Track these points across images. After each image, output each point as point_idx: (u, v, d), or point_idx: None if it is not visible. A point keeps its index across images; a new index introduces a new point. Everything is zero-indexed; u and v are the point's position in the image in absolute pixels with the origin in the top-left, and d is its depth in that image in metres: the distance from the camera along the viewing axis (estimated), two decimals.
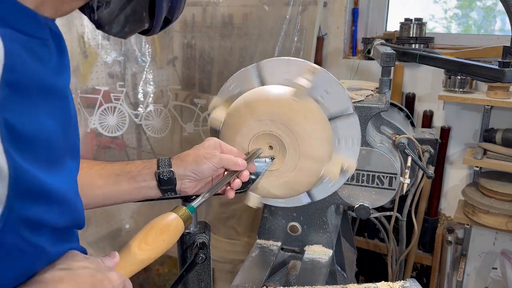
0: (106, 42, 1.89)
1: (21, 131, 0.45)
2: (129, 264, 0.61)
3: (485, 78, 1.09)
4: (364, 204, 1.12)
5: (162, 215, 0.66)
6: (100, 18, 0.56)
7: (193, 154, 0.83)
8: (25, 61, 0.45)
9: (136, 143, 2.14)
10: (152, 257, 0.63)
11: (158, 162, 0.82)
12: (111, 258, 0.60)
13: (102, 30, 0.59)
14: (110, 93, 1.92)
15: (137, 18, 0.58)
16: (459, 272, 1.97)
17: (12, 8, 0.44)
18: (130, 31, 0.60)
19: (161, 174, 0.80)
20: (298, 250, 1.24)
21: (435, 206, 2.01)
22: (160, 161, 0.82)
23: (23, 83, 0.45)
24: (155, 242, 0.63)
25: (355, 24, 2.11)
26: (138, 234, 0.64)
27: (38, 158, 0.48)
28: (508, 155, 1.71)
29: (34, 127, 0.47)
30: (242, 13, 2.03)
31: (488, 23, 2.07)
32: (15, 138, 0.43)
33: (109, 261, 0.59)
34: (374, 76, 1.96)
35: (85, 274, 0.53)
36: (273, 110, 0.93)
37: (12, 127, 0.43)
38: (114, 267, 0.60)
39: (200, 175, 0.82)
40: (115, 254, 0.61)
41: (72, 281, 0.51)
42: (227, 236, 2.17)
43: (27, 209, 0.46)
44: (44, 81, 0.49)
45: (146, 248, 0.62)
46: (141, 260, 0.62)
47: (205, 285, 0.90)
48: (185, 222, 0.68)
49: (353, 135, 1.00)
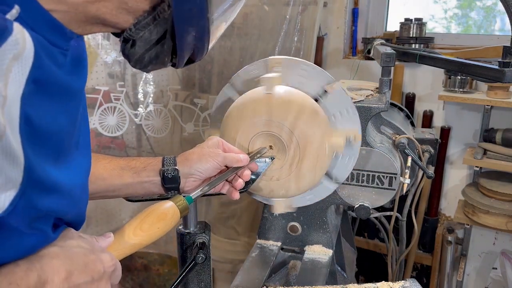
0: (106, 42, 1.89)
1: (38, 125, 0.47)
2: (121, 247, 0.63)
3: (485, 78, 1.09)
4: (364, 204, 1.12)
5: (160, 203, 0.67)
6: (126, 55, 0.59)
7: (197, 153, 0.84)
8: (47, 62, 0.48)
9: (136, 143, 2.14)
10: (144, 243, 0.64)
11: (163, 160, 0.83)
12: (105, 238, 0.62)
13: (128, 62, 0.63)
14: (110, 93, 1.93)
15: (159, 62, 0.61)
16: (459, 272, 1.97)
17: (42, 18, 0.48)
18: (152, 69, 0.63)
19: (165, 172, 0.81)
20: (298, 250, 1.24)
21: (435, 206, 2.01)
22: (166, 159, 0.83)
23: (46, 81, 0.48)
24: (150, 229, 0.64)
25: (355, 24, 2.11)
26: (134, 219, 0.65)
27: (48, 152, 0.50)
28: (508, 155, 1.71)
29: (49, 123, 0.50)
30: (242, 13, 2.03)
31: (488, 23, 2.07)
32: (31, 132, 0.46)
33: (103, 241, 0.61)
34: (374, 76, 1.96)
35: (79, 252, 0.55)
36: (254, 110, 0.93)
37: (30, 121, 0.46)
38: (107, 247, 0.61)
39: (204, 173, 0.83)
40: (110, 235, 0.62)
41: (67, 258, 0.53)
42: (227, 236, 2.17)
43: (37, 199, 0.48)
44: (61, 81, 0.52)
45: (140, 234, 0.64)
46: (133, 244, 0.64)
47: (205, 285, 0.90)
48: (181, 212, 0.68)
49: (344, 105, 0.98)
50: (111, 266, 0.58)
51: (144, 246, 0.65)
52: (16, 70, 0.43)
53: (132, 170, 0.82)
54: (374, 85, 1.36)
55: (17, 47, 0.42)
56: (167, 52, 0.60)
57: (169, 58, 0.61)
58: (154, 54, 0.59)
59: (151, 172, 0.82)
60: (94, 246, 0.58)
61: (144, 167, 0.82)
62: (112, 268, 0.58)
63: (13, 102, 0.43)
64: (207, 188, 0.78)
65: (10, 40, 0.41)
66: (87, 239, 0.58)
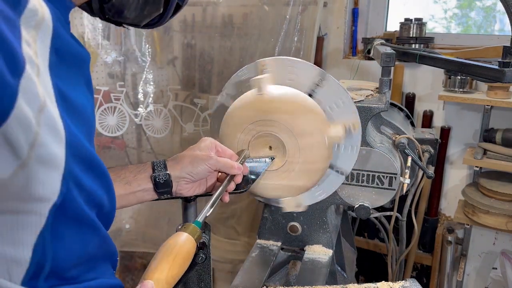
0: (106, 42, 1.89)
1: (69, 98, 0.46)
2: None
3: (485, 78, 1.09)
4: (364, 204, 1.12)
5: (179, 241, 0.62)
6: (119, 2, 0.57)
7: (188, 156, 0.82)
8: (62, 31, 0.47)
9: (136, 143, 2.14)
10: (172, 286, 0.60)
11: (153, 165, 0.81)
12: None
13: (119, 18, 0.60)
14: (110, 93, 1.93)
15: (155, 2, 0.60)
16: (459, 272, 1.97)
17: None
18: (148, 13, 0.61)
19: (157, 177, 0.79)
20: (298, 250, 1.24)
21: (435, 206, 2.01)
22: (155, 164, 0.81)
23: (65, 51, 0.47)
24: (179, 272, 0.61)
25: (355, 24, 2.11)
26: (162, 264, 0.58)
27: (83, 128, 0.49)
28: (508, 155, 1.71)
29: (76, 97, 0.48)
30: (242, 13, 2.03)
31: (488, 23, 2.07)
32: (66, 105, 0.45)
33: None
34: (374, 76, 1.96)
35: None
36: (249, 112, 0.93)
37: (62, 93, 0.44)
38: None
39: (196, 176, 0.82)
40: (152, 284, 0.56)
41: None
42: (227, 236, 2.17)
43: (82, 177, 0.47)
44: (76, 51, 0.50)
45: (172, 282, 0.59)
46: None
47: (205, 285, 0.90)
48: (197, 241, 0.66)
49: (338, 96, 0.98)
50: None
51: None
52: (40, 38, 0.42)
53: (123, 181, 0.79)
54: (374, 85, 1.36)
55: (36, 16, 0.41)
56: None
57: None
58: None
59: (142, 180, 0.80)
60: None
61: (134, 175, 0.80)
62: None
63: (44, 72, 0.42)
64: (209, 207, 0.75)
65: (28, 9, 0.40)
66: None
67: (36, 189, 0.42)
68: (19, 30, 0.39)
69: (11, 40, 0.37)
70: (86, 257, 0.53)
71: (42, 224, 0.44)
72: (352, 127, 1.00)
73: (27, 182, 0.41)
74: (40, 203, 0.43)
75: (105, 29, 1.87)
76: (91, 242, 0.53)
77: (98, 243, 0.55)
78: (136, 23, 0.64)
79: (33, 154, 0.40)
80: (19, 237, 0.43)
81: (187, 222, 0.70)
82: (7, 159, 0.39)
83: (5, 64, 0.36)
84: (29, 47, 0.40)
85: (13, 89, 0.37)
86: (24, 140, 0.39)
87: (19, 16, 0.39)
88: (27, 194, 0.42)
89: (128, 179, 0.79)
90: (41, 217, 0.44)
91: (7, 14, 0.38)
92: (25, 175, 0.40)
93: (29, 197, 0.42)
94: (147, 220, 2.10)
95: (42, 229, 0.44)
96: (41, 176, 0.42)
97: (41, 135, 0.40)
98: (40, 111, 0.40)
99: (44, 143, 0.41)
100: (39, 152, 0.40)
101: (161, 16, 0.66)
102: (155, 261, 0.58)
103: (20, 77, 0.37)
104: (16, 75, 0.37)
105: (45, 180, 0.42)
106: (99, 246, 0.55)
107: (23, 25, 0.39)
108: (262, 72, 1.00)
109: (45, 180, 0.42)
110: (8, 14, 0.38)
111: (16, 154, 0.39)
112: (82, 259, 0.52)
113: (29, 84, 0.38)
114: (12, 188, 0.40)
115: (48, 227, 0.45)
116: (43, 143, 0.41)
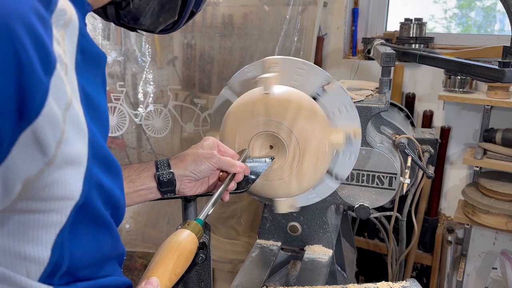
0: (106, 42, 1.89)
1: (91, 97, 0.47)
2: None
3: (485, 78, 1.09)
4: (364, 204, 1.12)
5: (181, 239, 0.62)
6: (136, 9, 0.58)
7: (192, 154, 0.82)
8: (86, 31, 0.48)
9: (136, 143, 2.14)
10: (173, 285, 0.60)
11: (156, 164, 0.81)
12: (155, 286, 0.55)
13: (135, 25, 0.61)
14: (110, 93, 1.93)
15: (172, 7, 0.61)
16: (459, 272, 1.97)
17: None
18: (163, 21, 0.62)
19: (160, 176, 0.79)
20: (298, 250, 1.24)
21: (435, 206, 2.01)
22: (159, 163, 0.81)
23: (89, 51, 0.48)
24: (182, 271, 0.60)
25: (355, 24, 2.11)
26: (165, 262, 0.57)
27: (101, 128, 0.49)
28: (508, 155, 1.71)
29: (97, 96, 0.49)
30: (242, 13, 2.03)
31: (488, 23, 2.07)
32: (88, 104, 0.46)
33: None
34: (374, 76, 1.96)
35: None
36: (252, 111, 0.93)
37: (86, 92, 0.45)
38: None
39: (199, 175, 0.82)
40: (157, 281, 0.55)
41: None
42: (227, 236, 2.17)
43: (100, 175, 0.48)
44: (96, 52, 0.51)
45: (175, 279, 0.59)
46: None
47: (205, 285, 0.90)
48: (198, 238, 0.66)
49: (343, 102, 0.99)
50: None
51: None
52: (68, 37, 0.43)
53: (127, 180, 0.79)
54: (374, 85, 1.36)
55: (65, 15, 0.42)
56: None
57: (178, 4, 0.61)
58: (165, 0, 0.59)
59: (145, 179, 0.80)
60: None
61: (138, 174, 0.80)
62: None
63: (71, 70, 0.43)
64: (211, 205, 0.75)
65: (58, 8, 0.41)
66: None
67: (60, 188, 0.42)
68: (51, 29, 0.40)
69: (45, 39, 0.38)
70: (100, 258, 0.53)
71: (63, 224, 0.44)
72: (353, 134, 1.00)
73: (53, 180, 0.41)
74: (64, 202, 0.43)
75: (105, 29, 1.87)
76: (105, 243, 0.53)
77: (111, 243, 0.55)
78: (151, 29, 0.65)
79: (59, 151, 0.40)
80: (40, 236, 0.43)
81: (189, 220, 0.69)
82: (35, 156, 0.39)
83: (40, 62, 0.37)
84: (59, 45, 0.41)
85: (45, 87, 0.38)
86: (52, 138, 0.39)
87: (51, 15, 0.40)
88: (51, 192, 0.42)
89: (132, 177, 0.79)
90: (63, 216, 0.44)
91: (42, 13, 0.38)
92: (51, 173, 0.41)
93: (53, 196, 0.42)
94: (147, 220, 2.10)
95: (62, 229, 0.45)
96: (66, 174, 0.42)
97: (67, 133, 0.41)
98: (67, 108, 0.41)
99: (69, 140, 0.41)
100: (65, 150, 0.41)
101: (176, 22, 0.67)
102: (159, 257, 0.58)
103: (52, 75, 0.38)
104: (48, 73, 0.38)
105: (70, 179, 0.43)
106: (112, 247, 0.55)
107: (54, 24, 0.40)
108: (269, 70, 0.99)
109: (69, 179, 0.43)
110: (43, 14, 0.39)
111: (44, 151, 0.39)
112: (96, 259, 0.52)
113: (58, 82, 0.39)
114: (38, 186, 0.40)
115: (67, 227, 0.45)
116: (69, 140, 0.41)
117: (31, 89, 0.36)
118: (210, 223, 0.93)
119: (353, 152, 1.03)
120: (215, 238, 2.13)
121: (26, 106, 0.37)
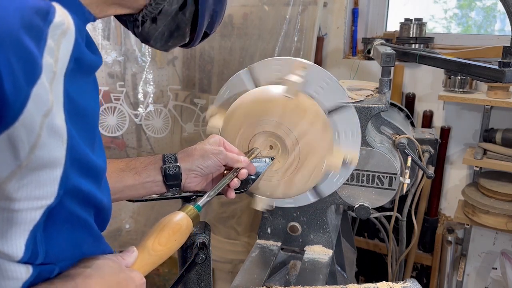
0: (106, 42, 1.89)
1: (77, 104, 0.48)
2: (144, 263, 0.61)
3: (485, 78, 1.09)
4: (364, 204, 1.12)
5: (172, 215, 0.66)
6: (146, 33, 0.60)
7: (199, 149, 0.84)
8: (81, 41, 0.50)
9: (136, 143, 2.14)
10: (164, 257, 0.63)
11: (163, 157, 0.83)
12: (130, 254, 0.60)
13: (146, 44, 0.64)
14: (110, 93, 1.92)
15: (180, 34, 0.62)
16: (459, 272, 1.97)
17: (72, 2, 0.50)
18: (173, 44, 0.64)
19: (167, 169, 0.80)
20: (298, 250, 1.24)
21: (435, 206, 2.01)
22: (166, 156, 0.83)
23: (82, 60, 0.49)
24: (168, 242, 0.63)
25: (355, 24, 2.11)
26: (150, 234, 0.63)
27: (86, 134, 0.51)
28: (508, 155, 1.71)
29: (84, 103, 0.51)
30: (242, 13, 2.03)
31: (488, 23, 2.07)
32: (72, 110, 0.47)
33: (128, 257, 0.60)
34: (374, 76, 1.96)
35: (110, 272, 0.54)
36: (267, 109, 0.93)
37: (71, 99, 0.47)
38: (133, 262, 0.60)
39: (206, 170, 0.83)
40: (134, 249, 0.61)
41: (100, 278, 0.52)
42: (227, 236, 2.17)
43: (78, 179, 0.49)
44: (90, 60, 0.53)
45: (159, 248, 0.62)
46: (154, 260, 0.62)
47: (205, 285, 0.90)
48: (193, 220, 0.68)
49: (352, 127, 1.00)
50: (142, 284, 0.58)
51: (164, 260, 0.64)
52: (63, 47, 0.45)
53: (133, 171, 0.80)
54: (374, 85, 1.36)
55: (63, 26, 0.44)
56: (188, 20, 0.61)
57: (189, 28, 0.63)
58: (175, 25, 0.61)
59: (152, 171, 0.81)
60: (121, 265, 0.57)
61: (144, 166, 0.81)
62: (143, 286, 0.58)
63: (59, 78, 0.44)
64: (213, 193, 0.78)
65: (56, 19, 0.43)
66: (113, 258, 0.57)
67: (34, 189, 0.43)
68: (45, 39, 0.42)
69: (32, 52, 0.40)
70: (80, 254, 0.54)
71: (36, 221, 0.45)
72: (350, 160, 1.00)
73: (27, 182, 0.43)
74: (37, 202, 0.44)
75: (105, 29, 1.87)
76: (85, 242, 0.54)
77: (92, 242, 0.56)
78: (163, 50, 0.68)
79: (33, 156, 0.42)
80: (13, 232, 0.44)
81: None
82: (6, 160, 0.40)
83: (23, 72, 0.39)
84: (51, 55, 0.43)
85: (26, 94, 0.39)
86: (26, 142, 0.41)
87: (48, 26, 0.42)
88: (25, 193, 0.43)
89: (138, 169, 0.81)
90: (36, 215, 0.45)
91: (36, 26, 0.40)
92: (24, 175, 0.42)
93: (26, 197, 0.43)
94: (147, 220, 2.10)
95: (35, 225, 0.46)
96: (40, 177, 0.43)
97: (43, 138, 0.42)
98: (46, 115, 0.42)
99: (45, 145, 0.42)
100: (39, 154, 0.42)
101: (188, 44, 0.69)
102: None
103: (34, 84, 0.40)
104: (31, 82, 0.40)
105: (44, 181, 0.44)
106: (93, 245, 0.56)
107: (50, 34, 0.42)
108: (295, 72, 0.97)
109: (44, 181, 0.44)
110: (37, 26, 0.41)
111: (16, 155, 0.41)
112: (76, 255, 0.54)
113: (41, 91, 0.41)
114: (11, 187, 0.42)
115: (41, 225, 0.46)
116: (44, 145, 0.42)
117: (10, 97, 0.38)
118: (210, 223, 0.93)
119: (343, 176, 1.04)
120: (215, 238, 2.13)
121: (4, 112, 0.38)
